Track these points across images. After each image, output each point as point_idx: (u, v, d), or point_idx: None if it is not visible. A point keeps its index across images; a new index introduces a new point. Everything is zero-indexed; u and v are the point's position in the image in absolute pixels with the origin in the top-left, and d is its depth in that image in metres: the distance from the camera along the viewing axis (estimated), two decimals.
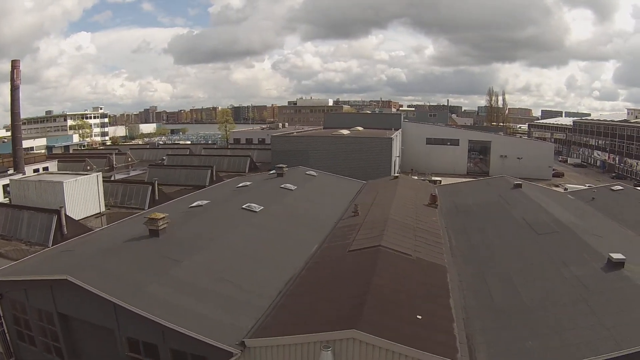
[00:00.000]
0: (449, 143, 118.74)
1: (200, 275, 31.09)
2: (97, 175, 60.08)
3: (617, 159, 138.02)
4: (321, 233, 42.21)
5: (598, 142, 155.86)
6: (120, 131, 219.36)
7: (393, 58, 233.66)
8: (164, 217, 36.38)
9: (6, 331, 33.05)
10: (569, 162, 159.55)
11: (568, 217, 44.31)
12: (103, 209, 59.33)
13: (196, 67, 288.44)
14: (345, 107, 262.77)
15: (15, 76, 78.07)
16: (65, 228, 46.36)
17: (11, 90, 79.22)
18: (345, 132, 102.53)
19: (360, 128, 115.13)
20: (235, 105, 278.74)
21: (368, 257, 33.24)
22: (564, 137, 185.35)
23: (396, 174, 77.73)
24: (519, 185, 57.48)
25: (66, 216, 47.46)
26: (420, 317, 25.54)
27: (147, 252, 33.69)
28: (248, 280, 31.19)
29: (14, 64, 78.31)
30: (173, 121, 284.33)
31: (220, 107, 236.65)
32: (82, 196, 54.72)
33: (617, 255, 31.34)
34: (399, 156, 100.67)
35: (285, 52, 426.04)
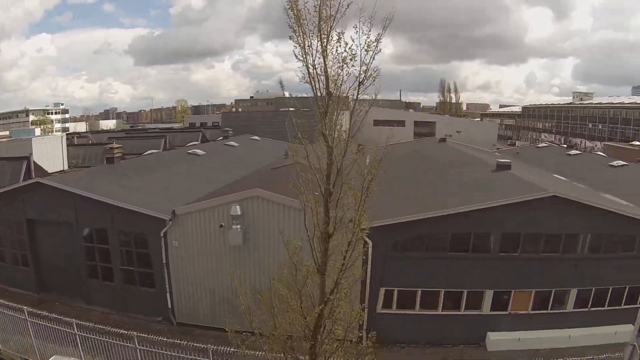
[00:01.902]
0: (395, 124, 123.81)
1: (146, 184, 37.91)
2: (62, 136, 65.79)
3: (562, 139, 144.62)
4: (255, 169, 48.48)
5: (545, 125, 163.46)
6: (81, 127, 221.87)
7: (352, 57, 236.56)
8: (119, 147, 43.08)
9: None
10: (517, 145, 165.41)
11: (481, 156, 51.83)
12: (67, 167, 64.41)
13: (157, 68, 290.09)
14: None
15: None
16: (33, 173, 51.44)
17: None
18: (292, 109, 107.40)
19: None
20: (195, 105, 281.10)
21: (285, 169, 39.81)
22: (514, 123, 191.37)
23: None
24: (444, 140, 65.13)
25: (35, 163, 52.63)
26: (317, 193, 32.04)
27: (103, 171, 40.83)
28: (186, 188, 37.56)
29: None
30: (133, 121, 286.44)
31: (180, 107, 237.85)
32: (49, 153, 59.42)
33: (504, 160, 39.30)
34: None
35: (245, 52, 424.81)
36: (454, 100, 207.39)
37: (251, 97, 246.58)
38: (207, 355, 23.05)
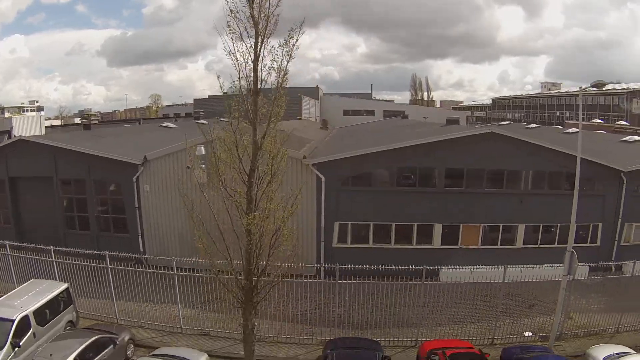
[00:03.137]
0: (365, 114, 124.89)
1: (121, 143, 40.58)
2: (40, 115, 68.01)
3: None
4: None
5: (515, 115, 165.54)
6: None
7: (326, 57, 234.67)
8: (95, 115, 45.62)
9: None
10: None
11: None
12: None
13: (130, 69, 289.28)
14: None
15: None
16: None
17: None
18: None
19: None
20: (169, 104, 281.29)
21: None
22: (484, 115, 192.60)
23: (300, 117, 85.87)
24: (406, 116, 68.94)
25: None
26: None
27: (81, 134, 43.63)
28: (157, 147, 39.79)
29: None
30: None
31: (154, 105, 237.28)
32: (27, 129, 61.14)
33: (452, 116, 42.03)
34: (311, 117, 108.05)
35: (218, 53, 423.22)
36: (425, 98, 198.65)
37: (225, 92, 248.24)
38: (171, 268, 25.40)
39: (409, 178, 33.58)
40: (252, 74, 15.87)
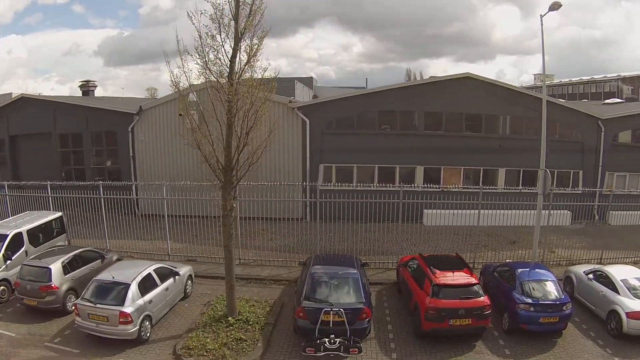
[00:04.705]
0: None
1: (118, 102, 42.16)
2: (39, 93, 70.08)
3: None
4: None
5: None
6: None
7: (322, 56, 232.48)
8: (94, 82, 47.25)
9: None
10: None
11: None
12: None
13: (126, 68, 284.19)
14: None
15: None
16: None
17: None
18: None
19: None
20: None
21: None
22: None
23: (293, 97, 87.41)
24: None
25: None
26: None
27: (80, 98, 44.67)
28: None
29: None
30: None
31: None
32: None
33: (436, 76, 43.07)
34: None
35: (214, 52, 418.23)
36: None
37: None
38: (161, 193, 26.80)
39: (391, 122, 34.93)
40: None
